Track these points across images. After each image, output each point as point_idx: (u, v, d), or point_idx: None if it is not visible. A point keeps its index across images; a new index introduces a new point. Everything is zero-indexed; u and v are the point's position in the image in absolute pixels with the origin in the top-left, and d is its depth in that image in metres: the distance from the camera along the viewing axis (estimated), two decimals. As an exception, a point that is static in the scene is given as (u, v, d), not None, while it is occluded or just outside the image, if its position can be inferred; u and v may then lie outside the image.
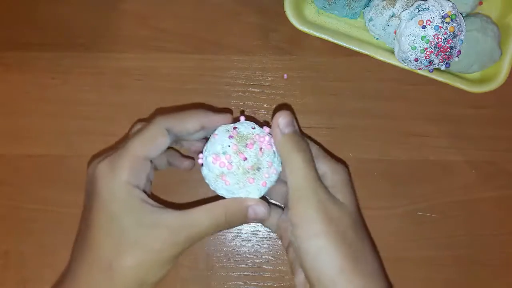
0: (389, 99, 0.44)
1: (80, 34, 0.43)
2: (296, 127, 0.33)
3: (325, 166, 0.33)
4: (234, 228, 0.43)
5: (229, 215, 0.31)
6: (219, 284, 0.43)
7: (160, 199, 0.42)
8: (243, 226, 0.43)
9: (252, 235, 0.43)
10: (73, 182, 0.43)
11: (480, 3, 0.42)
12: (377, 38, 0.42)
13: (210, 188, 0.33)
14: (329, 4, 0.41)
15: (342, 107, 0.44)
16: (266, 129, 0.33)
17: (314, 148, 0.34)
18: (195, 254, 0.43)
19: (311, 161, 0.31)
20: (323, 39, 0.41)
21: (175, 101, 0.43)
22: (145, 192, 0.31)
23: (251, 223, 0.43)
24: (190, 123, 0.33)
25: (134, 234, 0.30)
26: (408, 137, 0.44)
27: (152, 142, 0.32)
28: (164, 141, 0.32)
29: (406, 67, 0.40)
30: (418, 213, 0.44)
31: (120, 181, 0.30)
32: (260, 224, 0.43)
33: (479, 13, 0.42)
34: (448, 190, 0.44)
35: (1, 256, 0.42)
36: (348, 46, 0.41)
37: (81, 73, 0.43)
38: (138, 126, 0.34)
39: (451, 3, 0.37)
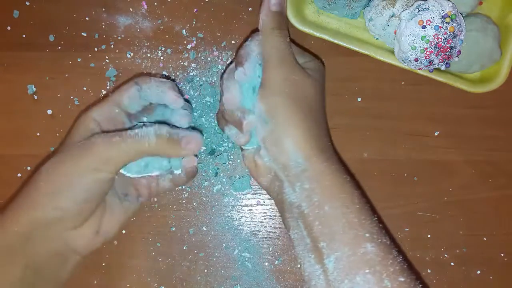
0: (389, 99, 0.44)
1: (80, 34, 0.43)
2: (284, 9, 0.37)
3: (304, 57, 0.38)
4: (235, 228, 0.43)
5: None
6: (219, 284, 0.43)
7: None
8: (243, 226, 0.43)
9: (253, 235, 0.43)
10: (73, 182, 0.43)
11: (480, 3, 0.42)
12: (377, 38, 0.42)
13: None
14: (329, 4, 0.41)
15: (342, 107, 0.44)
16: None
17: (294, 46, 0.38)
18: (195, 254, 0.43)
19: (287, 37, 0.36)
20: (323, 39, 0.41)
21: (175, 101, 0.43)
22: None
23: (252, 224, 0.43)
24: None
25: (65, 150, 0.35)
26: (408, 137, 0.44)
27: (123, 93, 0.37)
28: (133, 92, 0.37)
29: (406, 67, 0.40)
30: (418, 213, 0.44)
31: (87, 115, 0.36)
32: (261, 224, 0.43)
33: (479, 13, 0.42)
34: (448, 190, 0.44)
35: (1, 256, 0.42)
36: (348, 46, 0.41)
37: (81, 73, 0.43)
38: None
39: (451, 3, 0.37)
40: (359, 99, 0.44)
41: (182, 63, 0.44)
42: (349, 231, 0.30)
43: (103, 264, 0.43)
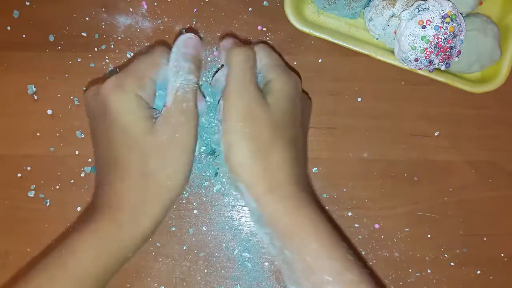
0: (389, 99, 0.44)
1: (80, 34, 0.43)
2: (238, 42, 0.36)
3: (273, 74, 0.35)
4: (235, 228, 0.43)
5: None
6: (219, 284, 0.43)
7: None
8: (243, 226, 0.43)
9: (253, 235, 0.43)
10: (73, 182, 0.43)
11: (480, 3, 0.42)
12: (377, 38, 0.42)
13: None
14: (329, 4, 0.41)
15: (342, 107, 0.44)
16: None
17: (272, 58, 0.36)
18: (195, 254, 0.43)
19: (249, 68, 0.34)
20: (323, 39, 0.41)
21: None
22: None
23: (252, 224, 0.43)
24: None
25: (148, 142, 0.31)
26: (408, 137, 0.44)
27: (156, 65, 0.34)
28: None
29: (406, 67, 0.40)
30: (418, 213, 0.44)
31: (130, 94, 0.32)
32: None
33: (479, 13, 0.42)
34: (448, 190, 0.44)
35: (1, 256, 0.42)
36: (348, 46, 0.41)
37: (81, 73, 0.43)
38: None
39: (451, 3, 0.37)
40: (359, 99, 0.44)
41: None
42: (310, 276, 0.30)
43: (103, 264, 0.43)
